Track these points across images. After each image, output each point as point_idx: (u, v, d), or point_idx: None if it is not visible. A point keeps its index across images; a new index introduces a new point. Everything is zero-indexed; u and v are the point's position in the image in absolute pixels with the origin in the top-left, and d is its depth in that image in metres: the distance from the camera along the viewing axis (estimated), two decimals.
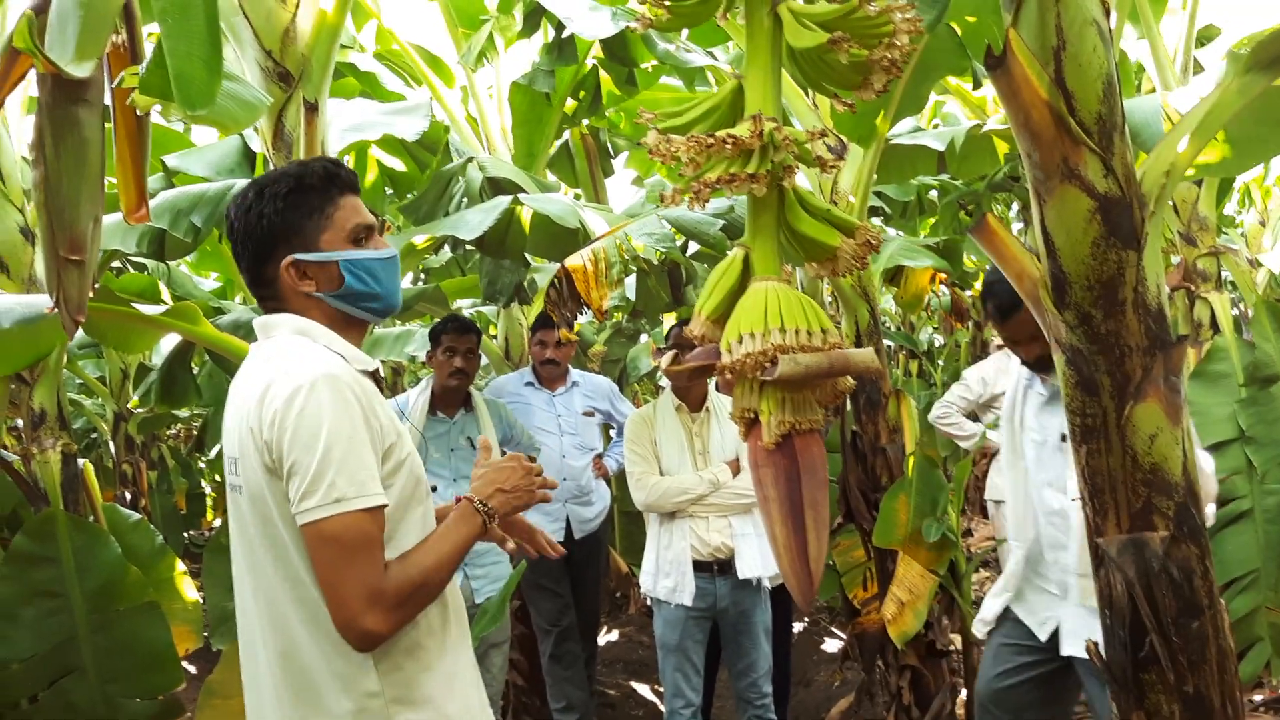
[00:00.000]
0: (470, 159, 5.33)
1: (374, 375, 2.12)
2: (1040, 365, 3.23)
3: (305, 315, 2.07)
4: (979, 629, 3.56)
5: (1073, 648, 3.21)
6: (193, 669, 6.12)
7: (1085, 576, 3.10)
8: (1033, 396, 3.39)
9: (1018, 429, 3.46)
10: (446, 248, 6.38)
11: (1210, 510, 2.97)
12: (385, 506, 1.91)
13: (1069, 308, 2.15)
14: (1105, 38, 2.11)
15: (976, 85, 4.66)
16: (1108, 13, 2.14)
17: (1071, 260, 2.13)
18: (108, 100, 2.75)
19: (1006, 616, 3.47)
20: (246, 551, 2.03)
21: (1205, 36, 6.31)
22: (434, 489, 2.28)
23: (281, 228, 2.04)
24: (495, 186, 5.11)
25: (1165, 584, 2.06)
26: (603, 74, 5.73)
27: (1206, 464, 2.92)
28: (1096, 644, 2.25)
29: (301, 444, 1.86)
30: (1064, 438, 3.22)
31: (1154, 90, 5.33)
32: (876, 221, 7.68)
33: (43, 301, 3.00)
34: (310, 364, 1.93)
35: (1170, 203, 5.24)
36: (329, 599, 1.87)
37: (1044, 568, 3.36)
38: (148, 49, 2.52)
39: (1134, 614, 2.10)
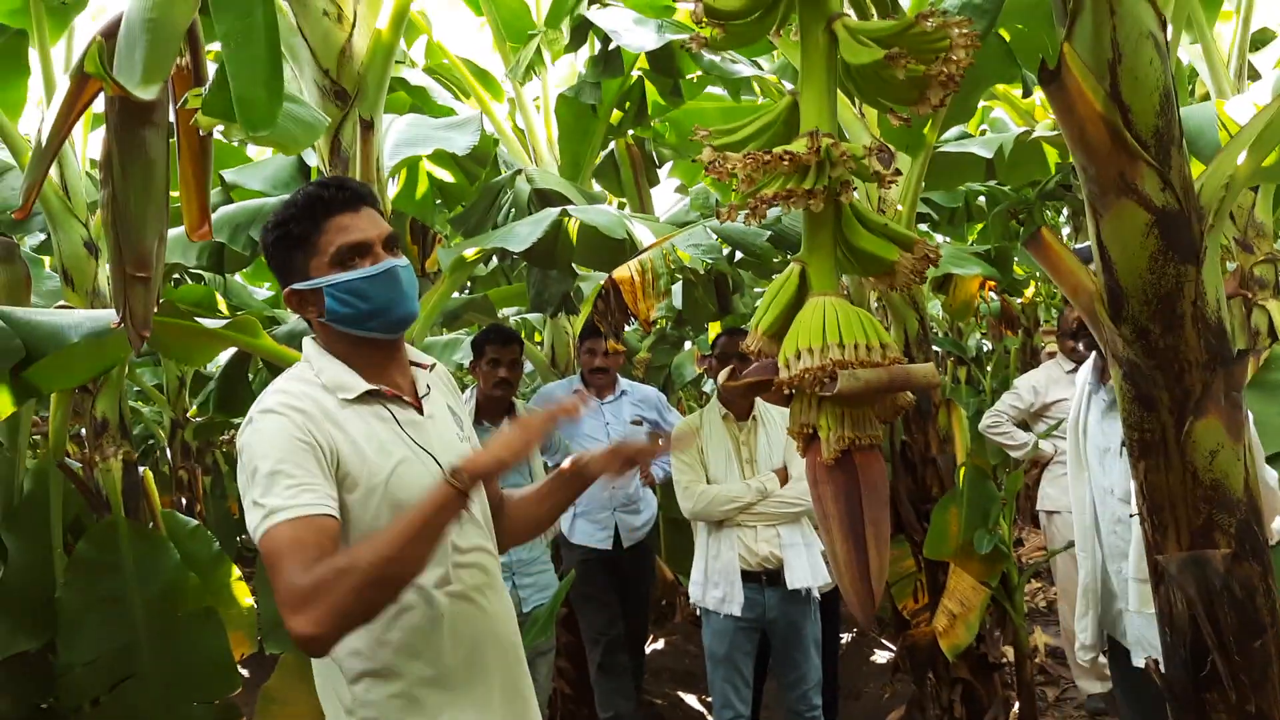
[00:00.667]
0: (518, 171, 5.37)
1: (384, 394, 2.09)
2: None
3: (324, 338, 2.12)
4: (1082, 656, 3.51)
5: (1140, 657, 3.19)
6: (247, 674, 6.18)
7: (1144, 582, 3.09)
8: (1096, 403, 3.37)
9: (1081, 438, 3.44)
10: (494, 256, 6.43)
11: (1277, 525, 2.94)
12: (324, 516, 1.86)
13: (1126, 322, 2.13)
14: (1162, 50, 2.10)
15: (1026, 93, 4.64)
16: (1164, 25, 2.13)
17: (1128, 274, 2.11)
18: (172, 120, 2.82)
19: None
20: None
21: (1260, 40, 6.22)
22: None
23: (278, 261, 2.10)
24: (543, 198, 5.15)
25: (1227, 602, 2.04)
26: (648, 84, 5.76)
27: (1271, 478, 2.88)
28: (1157, 661, 2.23)
29: (244, 474, 1.92)
30: (1124, 443, 3.21)
31: (1208, 96, 5.27)
32: (923, 228, 7.64)
33: (109, 316, 3.07)
34: (265, 400, 2.00)
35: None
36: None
37: (1110, 579, 3.35)
38: (211, 71, 2.58)
39: (1195, 633, 2.08)
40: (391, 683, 1.98)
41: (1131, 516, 3.02)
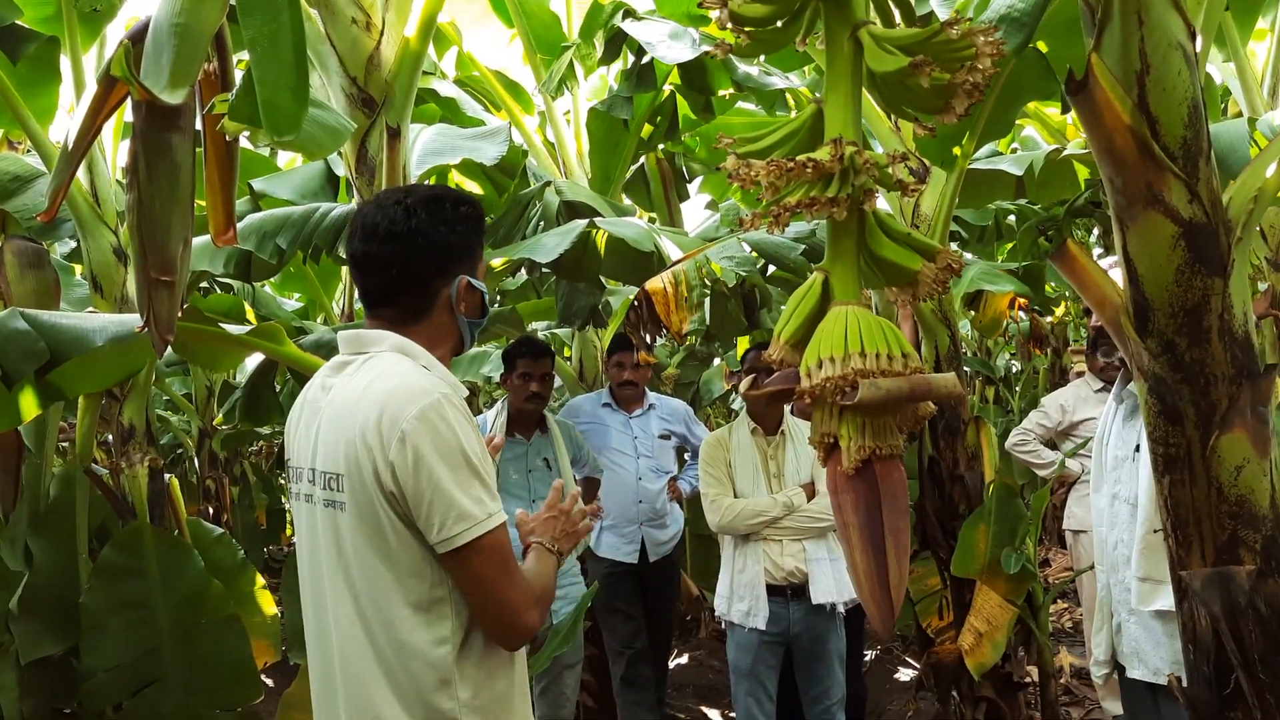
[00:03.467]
0: (547, 183, 5.38)
1: None
2: None
3: (435, 333, 2.11)
4: (1096, 673, 3.48)
5: (1135, 670, 3.16)
6: (270, 682, 6.20)
7: (1144, 580, 3.05)
8: (1121, 411, 3.36)
9: (1105, 448, 3.42)
10: (523, 270, 6.44)
11: None
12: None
13: (1152, 335, 2.11)
14: (1190, 61, 2.08)
15: (1065, 109, 4.60)
16: (1193, 36, 2.11)
17: (1155, 287, 2.09)
18: (199, 126, 2.84)
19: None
20: (339, 569, 2.02)
21: None
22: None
23: (466, 247, 2.12)
24: (571, 210, 5.16)
25: (1252, 619, 2.01)
26: (680, 99, 5.77)
27: None
28: (1180, 678, 2.20)
29: (443, 464, 1.89)
30: (1138, 448, 3.19)
31: (1240, 114, 5.22)
32: (953, 247, 7.60)
33: (134, 320, 3.08)
34: (428, 383, 1.96)
35: (1258, 228, 5.13)
36: (494, 607, 1.94)
37: (1112, 588, 3.32)
38: (238, 77, 2.60)
39: (1219, 649, 2.04)
40: (493, 675, 2.05)
41: (1156, 531, 2.98)
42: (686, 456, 6.11)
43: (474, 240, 2.14)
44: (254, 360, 5.75)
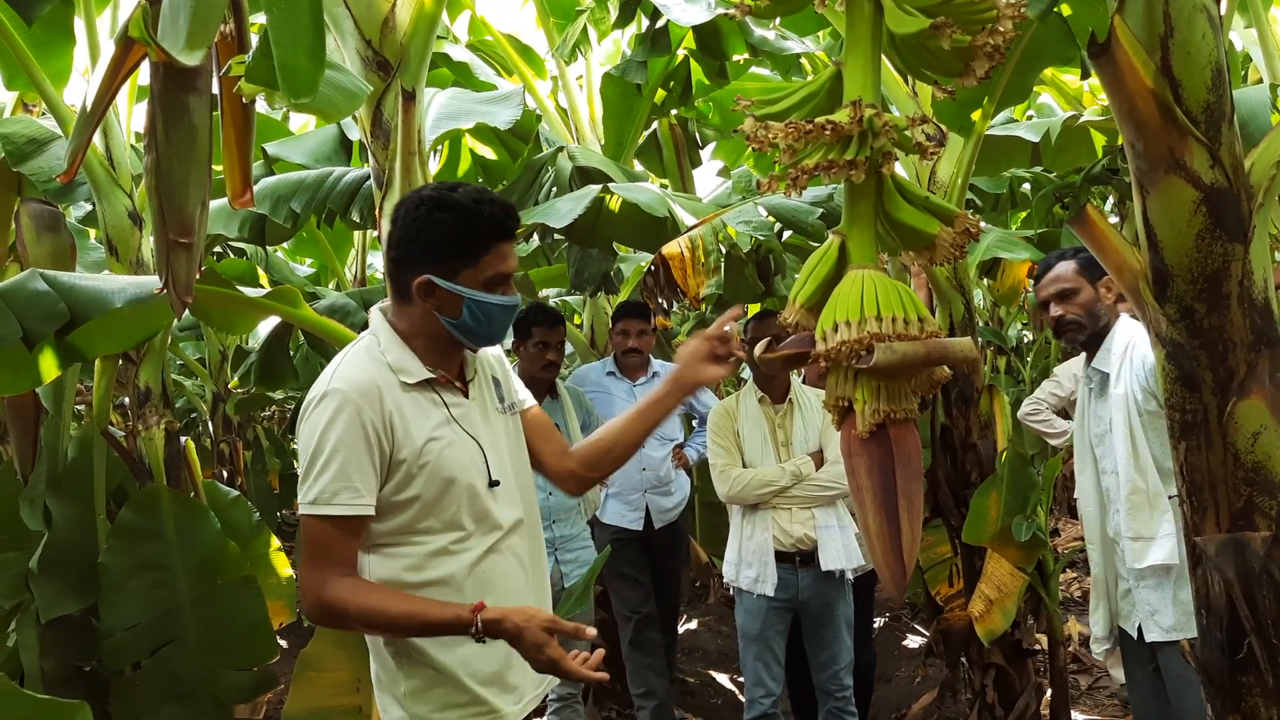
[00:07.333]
0: (560, 148, 5.37)
1: (438, 380, 2.25)
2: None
3: (414, 318, 2.24)
4: (1096, 649, 3.52)
5: (1152, 632, 3.18)
6: (285, 643, 6.25)
7: (1136, 540, 3.15)
8: (1092, 391, 3.39)
9: (1087, 428, 3.45)
10: (535, 236, 6.44)
11: None
12: (358, 518, 2.11)
13: (1170, 301, 2.10)
14: (1215, 24, 2.06)
15: (1085, 75, 4.56)
16: None
17: (1174, 253, 2.08)
18: (215, 89, 2.84)
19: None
20: None
21: None
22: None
23: (430, 248, 2.19)
24: (584, 176, 5.15)
25: (1266, 585, 2.01)
26: (693, 64, 5.74)
27: None
28: (1192, 643, 2.20)
29: (301, 446, 2.15)
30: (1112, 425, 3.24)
31: (1261, 80, 5.18)
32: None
33: (152, 282, 3.10)
34: (336, 374, 2.16)
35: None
36: (297, 573, 2.11)
37: (1118, 563, 3.33)
38: (254, 39, 2.60)
39: (1232, 615, 2.04)
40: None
41: (1172, 498, 3.00)
42: (694, 423, 6.12)
43: (447, 246, 2.18)
44: (267, 325, 5.76)
